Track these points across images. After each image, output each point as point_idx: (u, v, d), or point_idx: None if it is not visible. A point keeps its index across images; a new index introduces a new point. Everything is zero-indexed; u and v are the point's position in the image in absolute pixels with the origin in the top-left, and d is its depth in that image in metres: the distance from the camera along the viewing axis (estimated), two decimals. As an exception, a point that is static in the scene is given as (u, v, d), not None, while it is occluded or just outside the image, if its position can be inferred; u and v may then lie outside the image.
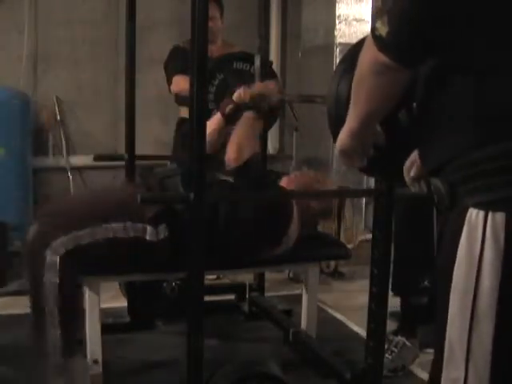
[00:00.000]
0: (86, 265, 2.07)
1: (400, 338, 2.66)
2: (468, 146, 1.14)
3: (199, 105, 1.81)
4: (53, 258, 1.95)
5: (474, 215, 1.13)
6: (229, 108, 2.61)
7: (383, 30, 1.16)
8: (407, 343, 2.65)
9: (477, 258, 1.12)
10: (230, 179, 2.38)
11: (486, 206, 1.12)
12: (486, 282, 1.11)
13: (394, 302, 2.62)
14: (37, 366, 2.06)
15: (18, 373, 2.44)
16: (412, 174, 1.45)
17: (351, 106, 1.32)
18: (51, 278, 1.95)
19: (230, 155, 2.49)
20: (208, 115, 2.66)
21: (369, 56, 1.21)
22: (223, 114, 2.62)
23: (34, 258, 2.00)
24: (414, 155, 1.43)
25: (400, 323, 2.87)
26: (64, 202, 2.30)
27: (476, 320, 1.13)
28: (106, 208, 2.12)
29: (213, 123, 2.61)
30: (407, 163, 1.46)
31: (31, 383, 2.16)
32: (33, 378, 2.10)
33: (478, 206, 1.13)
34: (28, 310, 2.04)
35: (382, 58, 1.17)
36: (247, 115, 2.59)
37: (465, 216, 1.14)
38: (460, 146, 1.16)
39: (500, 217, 1.10)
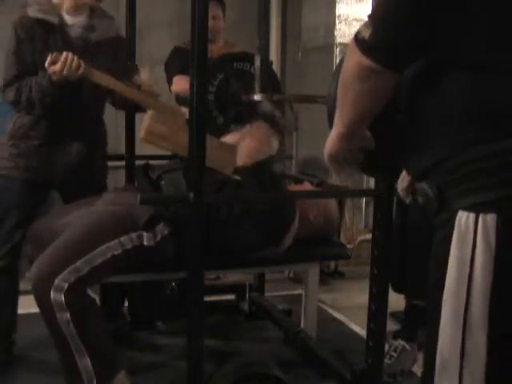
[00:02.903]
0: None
1: (400, 343, 2.65)
2: (456, 148, 1.11)
3: (199, 105, 1.81)
4: (57, 296, 1.91)
5: (464, 218, 1.09)
6: None
7: (366, 33, 1.13)
8: (407, 347, 2.63)
9: (468, 263, 1.08)
10: (238, 177, 2.34)
11: (477, 208, 1.08)
12: (478, 288, 1.08)
13: (394, 302, 2.61)
14: None
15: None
16: (404, 184, 1.44)
17: (337, 111, 1.28)
18: (63, 317, 1.91)
19: (241, 158, 2.43)
20: (208, 115, 2.66)
21: (352, 61, 1.17)
22: None
23: (41, 304, 1.94)
24: None
25: (402, 325, 2.86)
26: (52, 232, 2.16)
27: (469, 326, 1.09)
28: (97, 230, 2.06)
29: None
30: (401, 174, 1.45)
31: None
32: None
33: (468, 208, 1.09)
34: (26, 310, 2.02)
35: (366, 61, 1.14)
36: (258, 124, 2.51)
37: (454, 220, 1.10)
38: (447, 149, 1.13)
39: (491, 219, 1.06)
